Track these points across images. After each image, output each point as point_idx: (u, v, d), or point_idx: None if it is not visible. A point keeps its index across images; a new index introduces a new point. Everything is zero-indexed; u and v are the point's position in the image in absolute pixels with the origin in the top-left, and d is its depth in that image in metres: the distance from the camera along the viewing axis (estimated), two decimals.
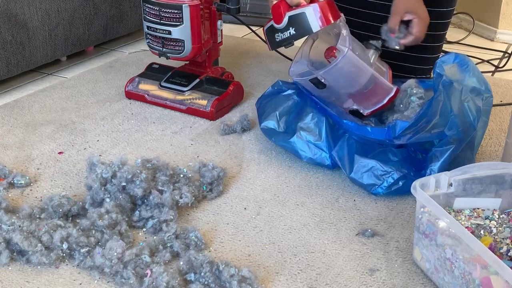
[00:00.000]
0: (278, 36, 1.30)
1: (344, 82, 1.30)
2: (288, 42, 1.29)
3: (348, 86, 1.32)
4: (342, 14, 1.33)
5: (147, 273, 0.94)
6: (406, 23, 1.34)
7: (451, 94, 1.16)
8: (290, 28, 1.28)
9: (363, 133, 1.21)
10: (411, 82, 1.34)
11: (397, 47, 1.36)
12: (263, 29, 1.37)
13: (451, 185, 1.00)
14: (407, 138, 1.17)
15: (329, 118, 1.30)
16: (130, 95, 1.67)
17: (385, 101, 1.34)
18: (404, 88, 1.34)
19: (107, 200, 1.10)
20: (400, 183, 1.19)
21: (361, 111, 1.36)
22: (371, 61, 1.34)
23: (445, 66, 1.21)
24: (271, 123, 1.35)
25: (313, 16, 1.25)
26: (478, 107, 1.18)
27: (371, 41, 1.37)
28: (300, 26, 1.27)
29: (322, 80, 1.28)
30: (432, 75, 1.28)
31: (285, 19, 1.27)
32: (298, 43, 1.36)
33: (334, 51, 1.31)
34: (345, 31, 1.29)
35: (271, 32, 1.32)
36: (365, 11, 1.51)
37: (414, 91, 1.31)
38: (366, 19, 1.51)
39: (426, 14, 1.34)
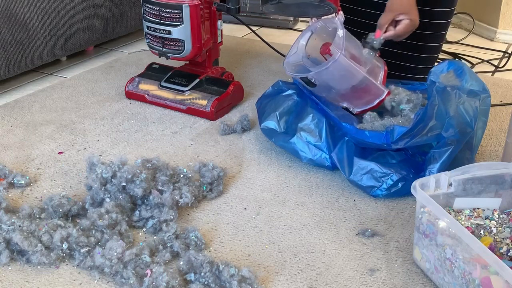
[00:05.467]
0: None
1: (334, 83, 1.31)
2: None
3: (339, 86, 1.32)
4: (341, 13, 1.33)
5: (147, 273, 0.94)
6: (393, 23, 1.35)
7: (446, 98, 1.17)
8: None
9: (361, 137, 1.21)
10: (395, 91, 1.34)
11: (374, 45, 1.35)
12: None
13: (451, 185, 1.00)
14: (405, 142, 1.17)
15: (329, 119, 1.30)
16: (130, 95, 1.67)
17: (375, 103, 1.34)
18: (389, 99, 1.33)
19: (107, 200, 1.10)
20: (400, 185, 1.19)
21: (351, 109, 1.36)
22: (366, 60, 1.34)
23: (440, 74, 1.21)
24: (271, 124, 1.35)
25: None
26: (475, 108, 1.18)
27: (368, 40, 1.36)
28: None
29: (312, 80, 1.29)
30: None
31: None
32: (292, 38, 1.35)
33: (330, 48, 1.31)
34: (341, 32, 1.29)
35: None
36: (369, 11, 1.51)
37: (401, 99, 1.31)
38: (370, 19, 1.51)
39: (417, 19, 1.34)
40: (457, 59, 2.03)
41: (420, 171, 1.21)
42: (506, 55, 2.11)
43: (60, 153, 1.37)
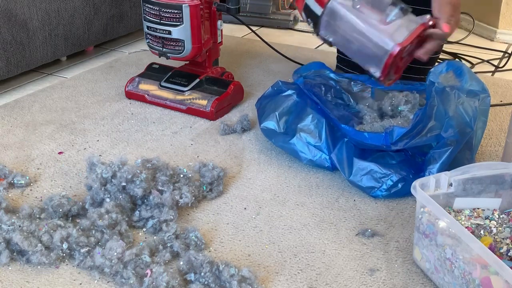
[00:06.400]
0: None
1: (345, 37, 1.22)
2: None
3: (349, 43, 1.22)
4: None
5: (147, 273, 0.94)
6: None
7: (445, 98, 1.17)
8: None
9: (360, 139, 1.21)
10: (391, 94, 1.33)
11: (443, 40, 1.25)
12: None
13: (451, 185, 1.00)
14: (404, 143, 1.17)
15: (329, 120, 1.30)
16: (130, 95, 1.67)
17: (384, 61, 1.17)
18: (387, 103, 1.33)
19: (107, 200, 1.10)
20: (399, 185, 1.19)
21: (373, 74, 1.22)
22: (388, 18, 1.19)
23: (439, 75, 1.21)
24: (271, 124, 1.35)
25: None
26: (474, 108, 1.19)
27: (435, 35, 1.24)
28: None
29: (326, 38, 1.25)
30: None
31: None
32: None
33: None
34: None
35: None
36: None
37: (399, 101, 1.31)
38: None
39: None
40: (456, 60, 2.03)
41: (420, 172, 1.21)
42: (506, 55, 2.10)
43: (60, 153, 1.37)
